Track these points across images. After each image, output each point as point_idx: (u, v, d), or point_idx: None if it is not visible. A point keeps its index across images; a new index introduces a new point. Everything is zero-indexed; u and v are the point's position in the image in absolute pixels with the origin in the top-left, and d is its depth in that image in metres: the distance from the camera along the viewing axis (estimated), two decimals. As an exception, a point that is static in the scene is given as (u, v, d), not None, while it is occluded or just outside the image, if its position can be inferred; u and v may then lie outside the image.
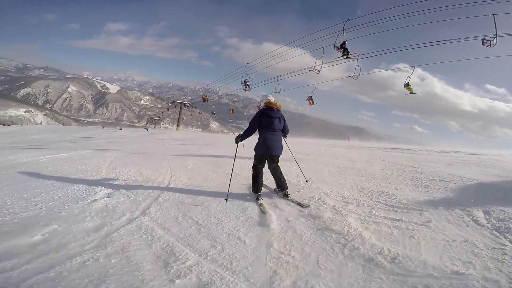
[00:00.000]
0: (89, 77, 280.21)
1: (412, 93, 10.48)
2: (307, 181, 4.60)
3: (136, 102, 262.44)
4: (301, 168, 5.00)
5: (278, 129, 3.61)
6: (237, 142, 3.64)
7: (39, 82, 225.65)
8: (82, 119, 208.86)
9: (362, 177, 5.16)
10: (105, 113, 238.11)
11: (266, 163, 3.68)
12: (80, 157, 6.76)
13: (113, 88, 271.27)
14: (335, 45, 9.33)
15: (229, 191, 3.61)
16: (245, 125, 3.72)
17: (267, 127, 3.51)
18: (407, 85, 10.43)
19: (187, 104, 35.36)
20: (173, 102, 38.59)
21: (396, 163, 7.32)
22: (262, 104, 3.74)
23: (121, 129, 43.03)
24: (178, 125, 42.81)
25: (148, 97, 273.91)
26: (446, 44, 10.16)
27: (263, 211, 3.07)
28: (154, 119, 63.54)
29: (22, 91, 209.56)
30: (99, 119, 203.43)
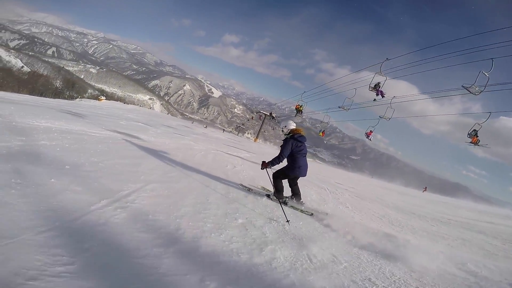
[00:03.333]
0: (201, 80, 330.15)
1: None
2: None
3: (230, 109, 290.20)
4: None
5: (307, 153, 4.02)
6: (264, 168, 3.80)
7: (166, 77, 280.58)
8: (186, 114, 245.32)
9: None
10: (204, 113, 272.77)
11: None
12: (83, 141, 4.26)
13: (216, 93, 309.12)
14: None
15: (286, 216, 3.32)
16: (322, 153, 4.52)
17: (300, 152, 3.84)
18: None
19: (273, 116, 33.20)
20: (258, 112, 37.42)
21: None
22: (285, 130, 3.96)
23: (205, 127, 45.78)
24: (256, 137, 41.26)
25: (241, 107, 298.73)
26: None
27: (307, 213, 3.82)
28: (238, 126, 66.97)
29: (152, 82, 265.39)
30: (199, 117, 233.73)
